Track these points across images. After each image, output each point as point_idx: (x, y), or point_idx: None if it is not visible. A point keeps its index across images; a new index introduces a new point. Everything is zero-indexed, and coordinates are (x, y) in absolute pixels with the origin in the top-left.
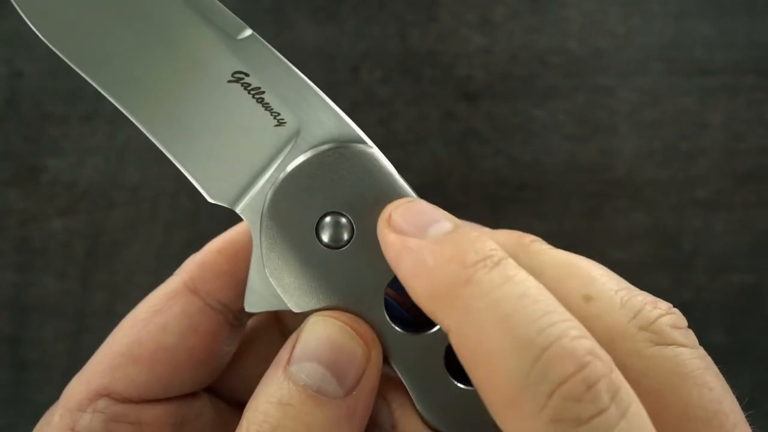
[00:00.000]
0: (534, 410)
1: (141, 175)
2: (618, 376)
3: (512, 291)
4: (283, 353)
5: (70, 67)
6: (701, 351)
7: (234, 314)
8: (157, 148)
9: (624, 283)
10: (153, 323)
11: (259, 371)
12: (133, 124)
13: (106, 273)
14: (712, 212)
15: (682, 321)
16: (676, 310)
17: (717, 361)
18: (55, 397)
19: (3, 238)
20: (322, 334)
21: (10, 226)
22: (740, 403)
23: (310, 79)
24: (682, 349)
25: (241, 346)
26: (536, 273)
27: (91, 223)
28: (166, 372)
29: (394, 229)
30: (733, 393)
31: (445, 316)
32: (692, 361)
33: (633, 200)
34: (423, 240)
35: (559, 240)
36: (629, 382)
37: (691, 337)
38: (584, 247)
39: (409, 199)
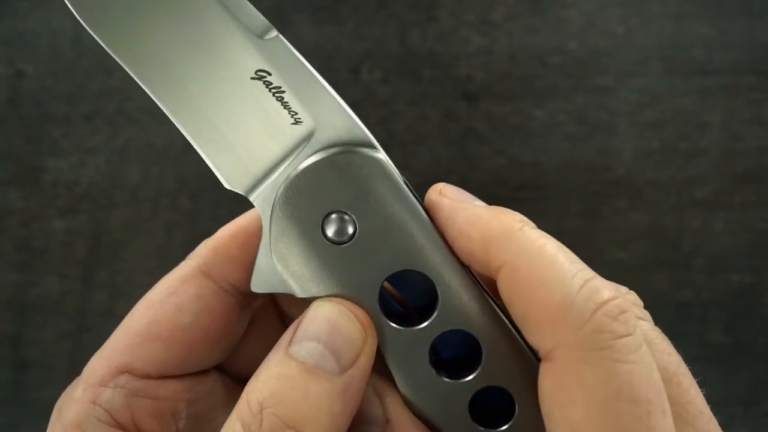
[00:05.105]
0: (580, 322)
1: (141, 175)
2: (636, 319)
3: (554, 243)
4: (285, 336)
5: (71, 68)
6: (656, 327)
7: (244, 296)
8: (158, 148)
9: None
10: (169, 304)
11: (258, 350)
12: (134, 124)
13: (107, 273)
14: (711, 212)
15: (639, 301)
16: (632, 291)
17: (716, 360)
18: (56, 396)
19: (4, 238)
20: (323, 316)
21: (11, 226)
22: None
23: None
24: (641, 321)
25: (243, 341)
26: None
27: (91, 223)
28: (182, 350)
29: (447, 197)
30: (732, 391)
31: (499, 253)
32: (650, 332)
33: (632, 200)
34: (474, 203)
35: (558, 240)
36: None
37: (648, 315)
38: (584, 247)
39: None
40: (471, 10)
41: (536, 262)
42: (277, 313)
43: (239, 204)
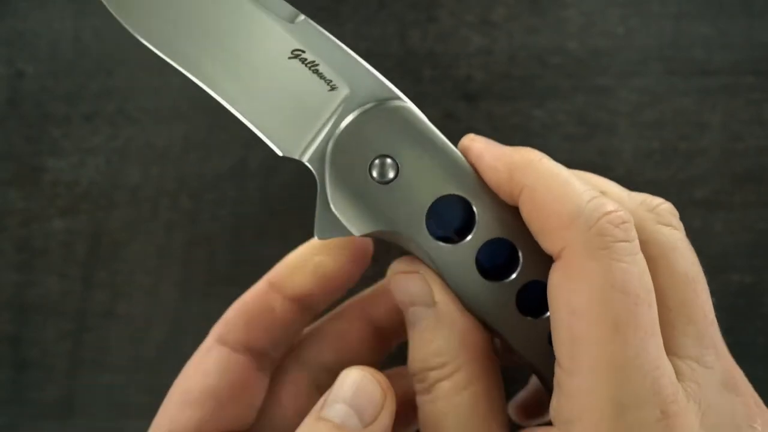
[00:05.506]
0: (586, 226)
1: (142, 175)
2: (636, 232)
3: (568, 171)
4: (318, 403)
5: (71, 68)
6: (687, 239)
7: (259, 354)
8: (158, 148)
9: (622, 187)
10: (197, 373)
11: (288, 422)
12: (134, 124)
13: (107, 273)
14: (711, 212)
15: (675, 210)
16: (668, 202)
17: None
18: (56, 396)
19: (4, 238)
20: (349, 381)
21: (11, 226)
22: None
23: None
24: (676, 231)
25: (271, 399)
26: None
27: (92, 223)
28: (212, 409)
29: (477, 142)
30: None
31: (522, 179)
32: (682, 241)
33: None
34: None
35: None
36: None
37: (681, 226)
38: None
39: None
40: (471, 10)
41: (552, 183)
42: (304, 388)
43: (240, 204)
